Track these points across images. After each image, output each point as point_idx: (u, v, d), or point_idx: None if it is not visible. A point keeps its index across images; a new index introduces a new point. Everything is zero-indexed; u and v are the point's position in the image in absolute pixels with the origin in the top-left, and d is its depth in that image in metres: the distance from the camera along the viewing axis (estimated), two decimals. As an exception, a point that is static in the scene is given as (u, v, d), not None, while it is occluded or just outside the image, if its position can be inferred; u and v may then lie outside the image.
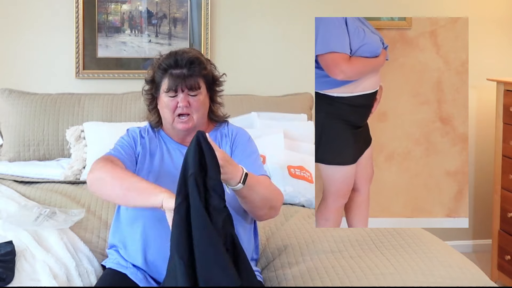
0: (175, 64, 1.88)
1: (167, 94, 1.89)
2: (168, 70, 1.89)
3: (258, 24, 3.52)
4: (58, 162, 3.04)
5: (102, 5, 3.35)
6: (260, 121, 3.12)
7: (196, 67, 1.89)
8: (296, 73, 3.54)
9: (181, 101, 1.88)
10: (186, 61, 1.88)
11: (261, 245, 2.21)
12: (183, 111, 1.88)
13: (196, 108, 1.90)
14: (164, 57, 1.92)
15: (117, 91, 3.29)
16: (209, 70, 1.94)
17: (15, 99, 3.12)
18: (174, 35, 3.42)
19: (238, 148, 1.97)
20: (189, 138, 1.96)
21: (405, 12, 3.56)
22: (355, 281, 1.84)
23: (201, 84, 1.90)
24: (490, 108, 3.61)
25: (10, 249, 1.89)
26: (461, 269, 1.93)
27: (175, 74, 1.88)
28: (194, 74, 1.88)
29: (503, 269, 3.34)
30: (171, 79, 1.87)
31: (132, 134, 1.99)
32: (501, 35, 3.73)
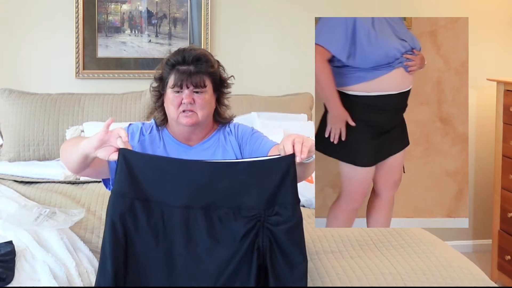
0: (182, 61, 1.90)
1: (172, 90, 1.90)
2: (175, 66, 1.91)
3: (258, 24, 3.52)
4: (58, 162, 3.04)
5: (102, 5, 3.35)
6: (260, 121, 3.11)
7: (202, 64, 1.90)
8: (296, 73, 3.54)
9: (186, 98, 1.88)
10: (193, 58, 1.90)
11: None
12: (187, 107, 1.89)
13: (201, 106, 1.90)
14: (172, 53, 1.94)
15: (117, 91, 3.29)
16: (216, 69, 1.95)
17: (15, 99, 3.12)
18: (174, 35, 3.42)
19: (247, 142, 1.99)
20: (193, 137, 1.97)
21: (405, 12, 3.56)
22: (355, 281, 1.84)
23: (207, 82, 1.91)
24: (490, 108, 3.61)
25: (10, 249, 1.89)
26: (461, 269, 1.93)
27: (181, 70, 1.89)
28: (200, 71, 1.89)
29: (503, 269, 3.34)
30: (177, 75, 1.89)
31: (132, 129, 2.00)
32: (501, 35, 3.73)
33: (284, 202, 1.62)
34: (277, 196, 1.62)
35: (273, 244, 1.62)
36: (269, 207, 1.62)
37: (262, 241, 1.62)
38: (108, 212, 1.65)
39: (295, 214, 1.63)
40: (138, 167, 1.64)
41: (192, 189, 1.65)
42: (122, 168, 1.64)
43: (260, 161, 1.69)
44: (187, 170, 1.65)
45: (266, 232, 1.62)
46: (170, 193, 1.65)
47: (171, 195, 1.65)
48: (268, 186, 1.62)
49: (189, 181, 1.65)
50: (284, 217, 1.62)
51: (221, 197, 1.64)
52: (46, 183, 2.81)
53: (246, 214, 1.63)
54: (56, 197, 2.58)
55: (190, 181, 1.65)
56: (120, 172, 1.64)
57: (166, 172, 1.65)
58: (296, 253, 1.62)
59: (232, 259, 1.61)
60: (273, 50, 3.54)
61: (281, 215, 1.62)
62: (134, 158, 1.65)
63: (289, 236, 1.62)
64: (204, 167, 1.67)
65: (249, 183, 1.63)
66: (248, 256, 1.61)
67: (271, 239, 1.62)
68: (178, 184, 1.65)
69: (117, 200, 1.64)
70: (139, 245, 1.64)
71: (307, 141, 1.64)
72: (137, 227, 1.64)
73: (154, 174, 1.65)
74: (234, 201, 1.64)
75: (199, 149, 1.97)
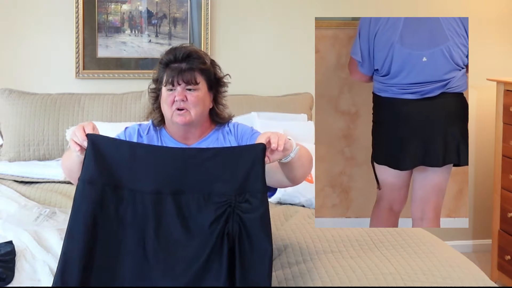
0: (174, 59, 1.93)
1: (166, 88, 1.92)
2: (168, 64, 1.93)
3: (258, 24, 3.51)
4: (58, 162, 3.03)
5: (102, 5, 3.34)
6: (260, 121, 3.11)
7: (193, 60, 1.92)
8: (296, 73, 3.54)
9: (178, 95, 1.90)
10: (183, 55, 1.92)
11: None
12: (180, 105, 1.90)
13: (194, 104, 1.90)
14: (165, 53, 1.97)
15: (117, 91, 3.29)
16: (209, 66, 1.96)
17: (15, 99, 3.12)
18: (174, 35, 3.42)
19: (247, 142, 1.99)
20: (190, 137, 1.98)
21: (405, 12, 3.56)
22: (355, 281, 1.84)
23: (199, 79, 1.92)
24: (490, 108, 3.61)
25: (10, 249, 1.89)
26: (461, 269, 1.93)
27: (173, 67, 1.92)
28: (192, 67, 1.91)
29: (503, 269, 3.34)
30: (169, 72, 1.91)
31: (129, 132, 2.01)
32: (501, 35, 3.73)
33: (254, 190, 1.65)
34: (247, 183, 1.65)
35: (242, 231, 1.64)
36: (240, 194, 1.65)
37: (232, 227, 1.64)
38: (76, 199, 1.64)
39: (264, 202, 1.66)
40: (107, 152, 1.65)
41: (162, 174, 1.66)
42: (91, 154, 1.63)
43: (230, 148, 1.75)
44: (158, 156, 1.67)
45: (236, 218, 1.64)
46: (140, 179, 1.66)
47: (141, 180, 1.65)
48: (239, 173, 1.65)
49: (159, 167, 1.66)
50: (253, 205, 1.64)
51: (191, 183, 1.66)
52: (46, 183, 2.81)
53: (217, 200, 1.65)
54: (56, 197, 2.58)
55: (160, 167, 1.66)
56: (89, 158, 1.63)
57: (136, 157, 1.66)
58: (264, 240, 1.64)
59: (203, 245, 1.63)
60: (273, 50, 3.54)
61: (250, 203, 1.65)
62: (102, 143, 1.65)
63: (259, 223, 1.64)
64: (174, 153, 1.68)
65: (220, 169, 1.66)
66: (219, 241, 1.63)
67: (241, 225, 1.64)
68: (147, 169, 1.66)
69: (86, 187, 1.63)
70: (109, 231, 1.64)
71: (282, 137, 1.69)
72: (107, 213, 1.63)
73: (124, 159, 1.66)
74: (204, 188, 1.66)
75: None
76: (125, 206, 1.65)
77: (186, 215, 1.66)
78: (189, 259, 1.63)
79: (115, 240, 1.64)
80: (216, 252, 1.63)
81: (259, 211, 1.65)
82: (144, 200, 1.65)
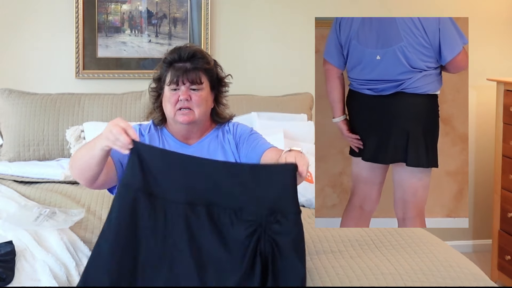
0: (178, 58, 1.93)
1: (169, 87, 1.92)
2: (172, 64, 1.93)
3: (258, 24, 3.51)
4: (58, 162, 3.04)
5: (102, 5, 3.34)
6: (260, 121, 3.11)
7: (198, 60, 1.92)
8: (296, 73, 3.54)
9: (182, 94, 1.90)
10: (188, 55, 1.92)
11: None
12: (184, 105, 1.90)
13: (197, 103, 1.91)
14: (169, 52, 1.97)
15: (117, 91, 3.29)
16: (212, 66, 1.97)
17: (15, 99, 3.12)
18: (174, 35, 3.42)
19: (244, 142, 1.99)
20: (191, 136, 1.98)
21: (405, 12, 3.56)
22: (355, 281, 1.84)
23: (203, 79, 1.93)
24: (490, 108, 3.61)
25: (10, 249, 1.89)
26: (461, 269, 1.93)
27: (177, 67, 1.92)
28: (196, 67, 1.92)
29: (503, 269, 3.34)
30: (173, 72, 1.91)
31: None
32: (501, 35, 3.73)
33: (286, 211, 1.62)
34: (279, 203, 1.62)
35: (276, 252, 1.61)
36: (271, 214, 1.62)
37: (264, 247, 1.61)
38: (113, 203, 1.66)
39: (297, 223, 1.63)
40: (150, 161, 1.66)
41: (196, 186, 1.65)
42: (135, 161, 1.65)
43: (264, 165, 1.72)
44: (194, 167, 1.66)
45: (268, 239, 1.62)
46: (174, 188, 1.66)
47: (175, 190, 1.65)
48: (271, 191, 1.62)
49: (194, 178, 1.65)
50: (284, 226, 1.61)
51: (223, 197, 1.64)
52: (46, 183, 2.81)
53: (247, 218, 1.63)
54: (56, 197, 2.58)
55: (195, 178, 1.65)
56: (132, 165, 1.65)
57: (173, 167, 1.66)
58: (297, 262, 1.61)
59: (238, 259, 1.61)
60: (273, 50, 3.54)
61: (281, 224, 1.61)
62: (146, 152, 1.67)
63: (292, 246, 1.61)
64: (210, 164, 1.67)
65: (253, 185, 1.63)
66: (251, 259, 1.61)
67: (273, 246, 1.61)
68: (183, 180, 1.66)
69: (123, 191, 1.65)
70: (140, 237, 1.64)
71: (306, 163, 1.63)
72: (140, 220, 1.64)
73: (160, 167, 1.66)
74: (236, 202, 1.64)
75: (197, 147, 1.98)
76: (157, 214, 1.65)
77: (219, 228, 1.64)
78: (223, 271, 1.62)
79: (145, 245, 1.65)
80: (249, 270, 1.61)
81: (291, 233, 1.62)
82: (177, 210, 1.65)
